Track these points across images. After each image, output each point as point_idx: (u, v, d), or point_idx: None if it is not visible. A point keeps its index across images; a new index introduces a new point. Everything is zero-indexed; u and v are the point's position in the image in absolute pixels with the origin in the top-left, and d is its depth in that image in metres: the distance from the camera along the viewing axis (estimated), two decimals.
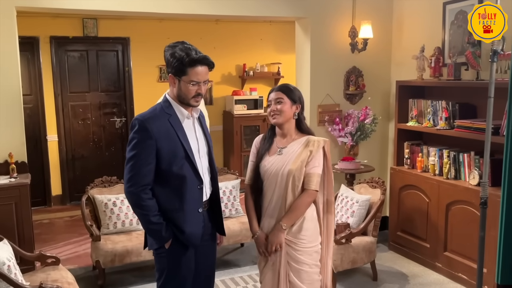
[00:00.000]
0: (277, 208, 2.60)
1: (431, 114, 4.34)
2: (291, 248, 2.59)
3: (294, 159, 2.58)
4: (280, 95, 2.63)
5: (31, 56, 6.19)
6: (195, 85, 2.36)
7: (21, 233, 3.86)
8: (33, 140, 6.15)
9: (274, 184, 2.60)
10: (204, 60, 2.36)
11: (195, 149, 2.44)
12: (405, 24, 4.98)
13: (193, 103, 2.40)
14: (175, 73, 2.37)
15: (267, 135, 2.75)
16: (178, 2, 4.38)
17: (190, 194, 2.39)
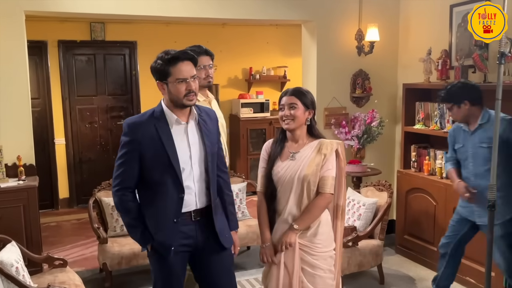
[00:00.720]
0: (292, 213, 2.56)
1: (438, 117, 4.33)
2: (306, 253, 2.55)
3: (309, 163, 2.54)
4: (293, 100, 2.58)
5: (39, 60, 6.24)
6: (183, 83, 2.30)
7: (29, 236, 3.88)
8: (41, 144, 6.18)
9: (289, 190, 2.56)
10: (183, 55, 2.32)
11: (186, 157, 2.36)
12: (411, 26, 4.97)
13: (187, 102, 2.33)
14: (160, 78, 2.35)
15: (278, 139, 2.69)
16: (185, 6, 4.40)
17: (166, 203, 2.34)
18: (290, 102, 2.58)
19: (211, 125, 2.50)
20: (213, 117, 2.55)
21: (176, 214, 2.35)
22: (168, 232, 2.37)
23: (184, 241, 2.43)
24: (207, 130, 2.45)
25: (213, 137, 2.50)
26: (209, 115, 2.53)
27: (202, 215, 2.44)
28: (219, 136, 2.60)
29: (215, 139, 2.51)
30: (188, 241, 2.44)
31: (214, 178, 2.47)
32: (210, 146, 2.44)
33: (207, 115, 2.52)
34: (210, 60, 3.11)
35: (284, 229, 2.57)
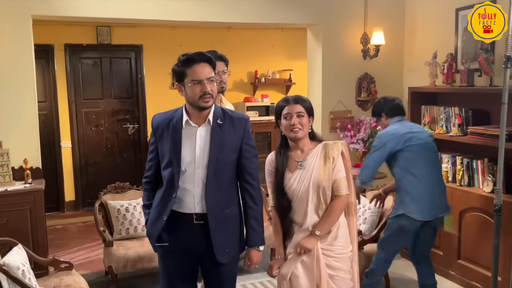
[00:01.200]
0: (313, 220, 2.54)
1: (444, 121, 4.31)
2: (328, 256, 2.54)
3: (320, 170, 2.53)
4: (300, 108, 2.55)
5: (46, 63, 6.27)
6: (198, 84, 2.31)
7: (35, 238, 3.91)
8: (47, 147, 6.21)
9: (305, 200, 2.53)
10: (199, 57, 2.34)
11: (189, 159, 2.37)
12: (417, 30, 4.97)
13: (203, 104, 2.33)
14: (178, 79, 2.38)
15: (280, 150, 2.63)
16: (191, 10, 4.42)
17: (163, 199, 2.42)
18: (298, 110, 2.55)
19: (230, 134, 2.41)
20: (239, 127, 2.44)
21: (166, 211, 2.40)
22: (155, 226, 2.43)
23: (185, 243, 2.44)
24: (219, 137, 2.38)
25: (227, 145, 2.39)
26: (234, 123, 2.43)
27: (207, 219, 2.40)
28: (245, 146, 2.45)
29: (231, 147, 2.41)
30: (188, 244, 2.44)
31: (215, 188, 2.38)
32: (218, 153, 2.37)
33: (231, 123, 2.43)
34: (224, 66, 3.07)
35: (303, 237, 2.54)
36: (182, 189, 2.39)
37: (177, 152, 2.36)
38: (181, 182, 2.38)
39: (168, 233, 2.44)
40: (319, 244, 2.53)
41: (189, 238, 2.43)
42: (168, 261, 2.52)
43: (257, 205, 2.48)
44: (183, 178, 2.38)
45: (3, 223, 3.76)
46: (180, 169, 2.36)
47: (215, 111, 2.42)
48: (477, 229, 3.90)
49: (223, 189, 2.41)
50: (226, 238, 2.42)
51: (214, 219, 2.38)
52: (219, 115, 2.42)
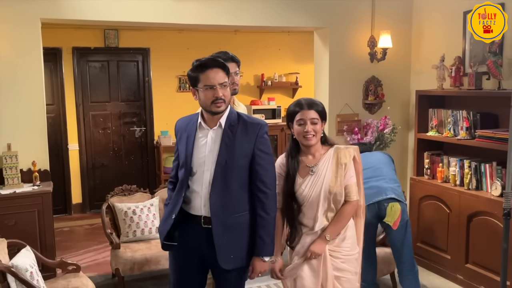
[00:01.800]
0: (321, 225, 2.54)
1: (452, 124, 4.30)
2: (335, 257, 2.55)
3: (332, 176, 2.52)
4: (314, 114, 2.52)
5: (54, 66, 6.31)
6: (210, 90, 2.33)
7: (43, 240, 3.92)
8: (55, 149, 6.24)
9: (315, 206, 2.53)
10: (211, 62, 2.36)
11: (200, 161, 2.40)
12: (424, 33, 4.96)
13: (214, 109, 2.35)
14: (192, 84, 2.42)
15: (291, 154, 2.61)
16: (198, 13, 4.44)
17: (175, 198, 2.49)
18: (312, 117, 2.52)
19: (241, 138, 2.40)
20: (252, 132, 2.41)
21: (175, 210, 2.45)
22: (164, 224, 2.50)
23: (193, 244, 2.47)
24: (230, 140, 2.38)
25: (238, 149, 2.38)
26: (247, 127, 2.41)
27: (205, 223, 2.42)
28: (257, 151, 2.41)
29: (242, 151, 2.38)
30: (197, 245, 2.46)
31: (220, 191, 2.37)
32: (226, 156, 2.36)
33: (244, 128, 2.41)
34: (236, 67, 3.05)
35: (314, 239, 2.55)
36: (191, 190, 2.44)
37: (188, 154, 2.42)
38: (190, 183, 2.43)
39: (179, 233, 2.49)
40: (326, 246, 2.54)
41: (197, 241, 2.45)
42: (177, 260, 2.56)
43: (268, 214, 2.41)
44: (192, 179, 2.43)
45: (11, 225, 3.78)
46: (191, 170, 2.42)
47: (229, 115, 2.44)
48: (485, 233, 3.88)
49: (231, 193, 2.38)
50: (231, 244, 2.38)
51: (219, 223, 2.37)
52: (232, 119, 2.43)
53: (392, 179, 3.60)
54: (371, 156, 3.86)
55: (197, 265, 2.52)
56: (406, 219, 3.46)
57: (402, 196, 3.49)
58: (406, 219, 3.46)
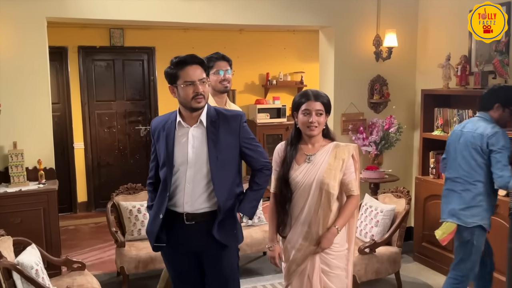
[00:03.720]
0: (309, 216, 2.58)
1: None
2: (325, 253, 2.59)
3: (327, 168, 2.55)
4: (320, 106, 2.56)
5: (60, 65, 6.34)
6: (190, 85, 2.38)
7: (48, 238, 3.94)
8: (60, 148, 6.27)
9: (307, 194, 2.57)
10: (191, 59, 2.41)
11: (182, 159, 2.44)
12: (430, 32, 4.94)
13: (195, 105, 2.40)
14: (170, 81, 2.45)
15: (291, 142, 2.66)
16: (203, 12, 4.44)
17: (159, 198, 2.52)
18: (318, 108, 2.56)
19: (225, 132, 2.47)
20: (234, 124, 2.50)
21: (162, 210, 2.48)
22: (152, 224, 2.53)
23: (180, 242, 2.52)
24: (215, 136, 2.45)
25: (224, 143, 2.46)
26: (228, 120, 2.50)
27: (197, 221, 2.47)
28: (244, 139, 2.53)
29: (228, 144, 2.47)
30: (184, 243, 2.52)
31: (222, 185, 2.46)
32: (216, 151, 2.43)
33: (225, 121, 2.49)
34: (227, 66, 3.15)
35: (303, 230, 2.59)
36: (174, 188, 2.48)
37: (170, 152, 2.45)
38: (173, 181, 2.47)
39: (166, 233, 2.52)
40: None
41: (184, 238, 2.51)
42: (170, 261, 2.64)
43: (264, 183, 2.61)
44: (175, 177, 2.47)
45: (17, 223, 3.80)
46: (173, 168, 2.45)
47: (208, 112, 2.50)
48: (491, 233, 3.83)
49: (229, 185, 2.51)
50: (223, 225, 2.49)
51: (220, 214, 2.47)
52: (212, 115, 2.49)
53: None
54: None
55: (190, 260, 2.58)
56: (467, 240, 3.23)
57: (467, 219, 3.22)
58: (466, 239, 3.23)
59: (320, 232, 2.56)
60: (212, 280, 2.60)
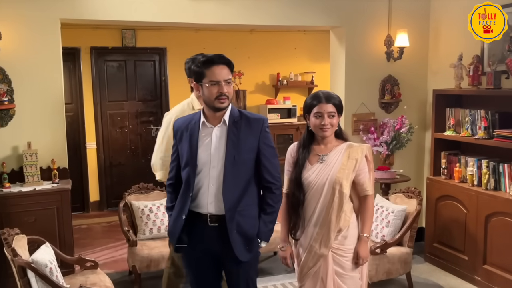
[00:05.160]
0: (321, 217, 2.58)
1: (469, 124, 4.25)
2: (338, 255, 2.59)
3: (340, 167, 2.55)
4: (332, 108, 2.56)
5: (72, 66, 6.40)
6: (215, 85, 2.38)
7: (62, 237, 3.98)
8: (73, 148, 6.31)
9: (319, 194, 2.57)
10: (218, 59, 2.40)
11: (205, 159, 2.43)
12: (442, 32, 4.91)
13: (218, 105, 2.40)
14: (196, 79, 2.45)
15: (304, 143, 2.67)
16: (214, 13, 4.46)
17: (181, 198, 2.51)
18: (330, 110, 2.56)
19: (246, 133, 2.46)
20: (256, 127, 2.49)
21: (184, 211, 2.46)
22: (174, 225, 2.52)
23: (202, 243, 2.51)
24: (235, 136, 2.44)
25: (243, 145, 2.44)
26: (250, 123, 2.49)
27: (221, 222, 2.45)
28: (262, 145, 2.49)
29: (248, 146, 2.45)
30: (206, 244, 2.51)
31: (233, 187, 2.43)
32: (234, 151, 2.42)
33: (248, 123, 2.48)
34: None
35: (315, 232, 2.59)
36: (197, 188, 2.46)
37: (193, 152, 2.45)
38: (196, 182, 2.45)
39: (187, 234, 2.52)
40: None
41: (206, 239, 2.50)
42: (190, 260, 2.62)
43: (276, 203, 2.54)
44: (198, 177, 2.45)
45: (31, 222, 3.84)
46: (196, 169, 2.44)
47: (231, 112, 2.49)
48: (503, 234, 3.83)
49: (241, 188, 2.46)
50: (244, 236, 2.46)
51: (232, 218, 2.43)
52: (235, 115, 2.49)
53: None
54: None
55: (210, 262, 2.58)
56: None
57: None
58: None
59: (331, 234, 2.55)
60: (230, 282, 2.61)
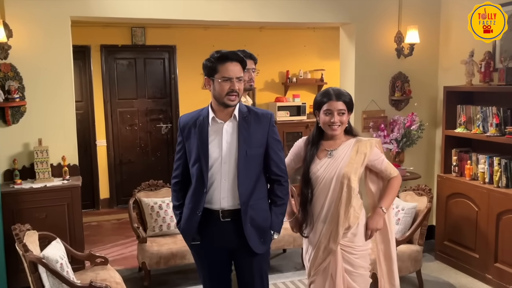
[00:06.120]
0: (330, 212, 2.58)
1: (481, 121, 4.21)
2: (348, 253, 2.59)
3: (348, 161, 2.56)
4: (342, 106, 2.56)
5: (83, 64, 6.43)
6: (227, 81, 2.38)
7: (72, 234, 4.01)
8: (83, 145, 6.36)
9: (327, 189, 2.57)
10: (232, 56, 2.41)
11: (216, 154, 2.44)
12: (453, 28, 4.86)
13: (228, 101, 2.40)
14: (208, 74, 2.45)
15: (313, 139, 2.67)
16: (224, 10, 4.46)
17: (194, 195, 2.49)
18: (340, 108, 2.56)
19: (255, 128, 2.48)
20: (265, 122, 2.50)
21: (199, 207, 2.46)
22: (189, 222, 2.50)
23: (215, 240, 2.51)
24: (246, 131, 2.46)
25: (254, 139, 2.46)
26: (259, 118, 2.50)
27: (234, 217, 2.46)
28: (271, 140, 2.51)
29: (257, 141, 2.47)
30: (219, 241, 2.51)
31: (246, 181, 2.45)
32: (246, 146, 2.44)
33: (256, 118, 2.50)
34: (253, 64, 3.15)
35: (323, 229, 2.59)
36: (209, 184, 2.46)
37: (205, 148, 2.44)
38: (209, 177, 2.45)
39: (199, 231, 2.52)
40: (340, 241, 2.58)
41: (219, 235, 2.50)
42: (202, 257, 2.61)
43: (285, 195, 2.57)
44: (210, 173, 2.45)
45: (42, 218, 3.88)
46: (208, 164, 2.44)
47: (240, 108, 2.50)
48: None
49: (253, 182, 2.48)
50: (257, 229, 2.49)
51: (245, 211, 2.45)
52: (244, 111, 2.50)
53: None
54: None
55: (222, 256, 2.58)
56: None
57: None
58: None
59: (340, 229, 2.55)
60: (242, 276, 2.61)
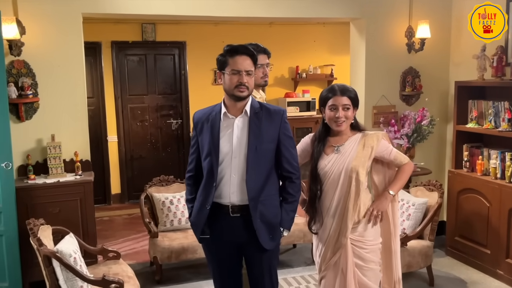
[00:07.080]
0: (339, 207, 2.59)
1: (493, 116, 4.18)
2: (359, 247, 2.60)
3: (356, 155, 2.57)
4: (347, 101, 2.57)
5: (94, 60, 6.48)
6: (236, 74, 2.42)
7: (85, 228, 4.06)
8: (95, 141, 6.39)
9: (336, 184, 2.59)
10: (242, 49, 2.45)
11: (227, 149, 2.46)
12: (464, 22, 4.81)
13: (237, 93, 2.43)
14: (219, 67, 2.50)
15: (320, 136, 2.68)
16: (234, 6, 4.47)
17: (205, 189, 2.52)
18: (345, 103, 2.57)
19: (267, 124, 2.49)
20: (277, 118, 2.51)
21: (208, 201, 2.49)
22: (199, 216, 2.54)
23: (225, 234, 2.54)
24: (257, 126, 2.47)
25: (265, 135, 2.47)
26: (271, 114, 2.51)
27: (243, 212, 2.48)
28: (283, 136, 2.52)
29: (269, 136, 2.48)
30: (229, 235, 2.54)
31: (256, 176, 2.46)
32: (256, 142, 2.45)
33: (268, 114, 2.51)
34: (267, 59, 3.10)
35: (332, 224, 2.61)
36: (219, 178, 2.49)
37: (216, 143, 2.47)
38: (219, 172, 2.48)
39: (209, 225, 2.55)
40: (349, 235, 2.58)
41: (229, 230, 2.53)
42: (212, 251, 2.64)
43: (296, 193, 2.57)
44: (220, 167, 2.48)
45: (55, 213, 3.92)
46: (218, 159, 2.47)
47: (252, 103, 2.52)
48: None
49: (263, 178, 2.50)
50: (267, 225, 2.50)
51: (254, 207, 2.46)
52: (256, 107, 2.52)
53: None
54: None
55: (232, 251, 2.60)
56: None
57: None
58: None
59: (349, 222, 2.56)
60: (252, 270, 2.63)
